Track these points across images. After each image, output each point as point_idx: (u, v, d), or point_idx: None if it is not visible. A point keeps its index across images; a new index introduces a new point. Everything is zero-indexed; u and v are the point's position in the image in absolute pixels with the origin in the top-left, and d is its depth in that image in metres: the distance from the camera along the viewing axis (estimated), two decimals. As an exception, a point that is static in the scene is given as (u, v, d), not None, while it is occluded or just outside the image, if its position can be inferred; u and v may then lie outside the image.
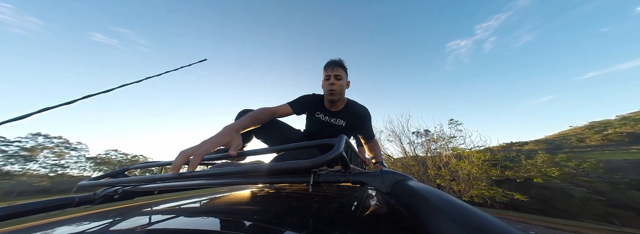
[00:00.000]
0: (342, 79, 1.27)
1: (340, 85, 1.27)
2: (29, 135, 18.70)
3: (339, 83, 1.26)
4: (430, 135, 9.36)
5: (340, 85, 1.27)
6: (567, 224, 3.78)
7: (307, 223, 0.42)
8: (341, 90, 1.29)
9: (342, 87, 1.29)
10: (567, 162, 7.50)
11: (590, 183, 7.19)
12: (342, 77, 1.27)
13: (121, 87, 0.75)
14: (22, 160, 17.46)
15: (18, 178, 17.18)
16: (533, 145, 29.53)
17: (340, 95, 1.31)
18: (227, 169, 0.58)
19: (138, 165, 0.84)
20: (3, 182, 15.16)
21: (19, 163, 17.25)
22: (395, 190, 0.40)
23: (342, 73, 1.28)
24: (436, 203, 0.27)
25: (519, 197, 6.07)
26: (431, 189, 0.32)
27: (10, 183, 16.19)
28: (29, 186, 18.85)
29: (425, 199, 0.29)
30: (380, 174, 0.46)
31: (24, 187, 18.91)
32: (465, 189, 6.92)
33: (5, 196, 15.10)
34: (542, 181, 6.76)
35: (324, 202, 0.64)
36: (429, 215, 0.25)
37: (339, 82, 1.26)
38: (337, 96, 1.30)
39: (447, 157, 8.10)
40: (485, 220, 0.22)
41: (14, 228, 0.54)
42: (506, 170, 7.22)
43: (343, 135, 0.58)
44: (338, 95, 1.30)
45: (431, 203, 0.27)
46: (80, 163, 20.14)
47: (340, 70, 1.28)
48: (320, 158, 0.45)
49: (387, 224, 0.44)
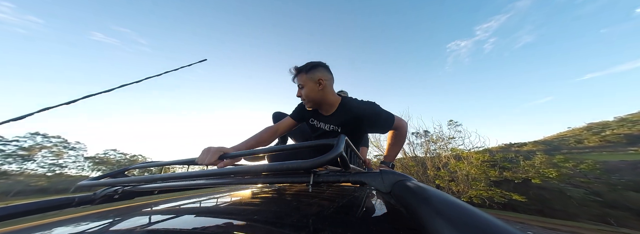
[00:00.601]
0: (305, 86, 1.18)
1: (305, 93, 1.18)
2: (28, 134, 18.56)
3: (304, 91, 1.18)
4: (429, 136, 9.37)
5: (306, 93, 1.18)
6: (564, 225, 3.79)
7: (307, 223, 0.42)
8: (312, 96, 1.19)
9: (310, 93, 1.18)
10: (564, 163, 7.53)
11: (588, 184, 7.21)
12: (304, 84, 1.18)
13: (121, 87, 0.75)
14: (20, 159, 17.31)
15: (15, 177, 17.05)
16: (532, 145, 29.44)
17: (314, 102, 1.22)
18: (227, 169, 0.58)
19: (138, 165, 0.84)
20: (0, 182, 15.05)
21: (17, 163, 17.12)
22: (395, 190, 0.40)
23: (302, 79, 1.18)
24: (436, 203, 0.27)
25: (517, 198, 6.10)
26: (431, 189, 0.32)
27: (7, 182, 16.06)
28: (26, 185, 18.70)
29: (425, 200, 0.29)
30: (380, 174, 0.47)
31: (21, 187, 18.77)
32: (464, 190, 6.94)
33: (1, 196, 14.97)
34: (540, 182, 6.79)
35: (324, 202, 0.64)
36: (429, 215, 0.25)
37: (303, 90, 1.18)
38: (311, 103, 1.23)
39: (446, 158, 8.12)
40: (485, 220, 0.22)
41: (14, 228, 0.54)
42: (504, 170, 7.25)
43: (343, 135, 0.58)
44: (311, 102, 1.22)
45: (431, 203, 0.27)
46: (78, 163, 20.05)
47: (300, 76, 1.18)
48: (320, 158, 0.45)
49: (387, 224, 0.44)
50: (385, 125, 1.24)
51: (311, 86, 1.17)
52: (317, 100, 1.21)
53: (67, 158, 19.71)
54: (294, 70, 1.21)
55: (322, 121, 1.32)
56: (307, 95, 1.18)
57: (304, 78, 1.17)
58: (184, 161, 0.77)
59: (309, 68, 1.17)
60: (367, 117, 1.21)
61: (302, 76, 1.18)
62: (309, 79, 1.17)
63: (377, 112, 1.21)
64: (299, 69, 1.19)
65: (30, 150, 18.27)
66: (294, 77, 1.21)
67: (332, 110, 1.26)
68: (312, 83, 1.17)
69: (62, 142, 19.77)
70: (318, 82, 1.16)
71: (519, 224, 1.28)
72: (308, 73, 1.17)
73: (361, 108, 1.21)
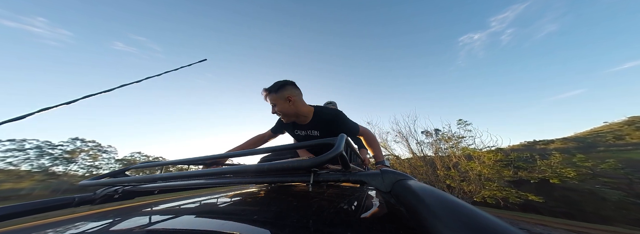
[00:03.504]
0: (277, 104, 1.25)
1: (278, 110, 1.26)
2: (69, 139, 20.29)
3: (277, 108, 1.26)
4: (440, 135, 8.97)
5: (279, 110, 1.26)
6: (597, 229, 3.39)
7: (307, 222, 0.41)
8: (286, 112, 1.26)
9: (283, 109, 1.26)
10: (583, 162, 6.85)
11: (629, 185, 6.41)
12: (275, 102, 1.25)
13: (121, 87, 0.73)
14: (65, 161, 18.94)
15: (61, 178, 18.71)
16: (560, 143, 24.50)
17: (289, 116, 1.29)
18: (227, 168, 0.57)
19: (138, 164, 0.83)
20: (51, 181, 16.67)
21: (63, 165, 18.80)
22: (395, 190, 0.39)
23: (272, 98, 1.25)
24: (436, 203, 0.26)
25: (534, 198, 5.62)
26: (431, 189, 0.32)
27: (56, 182, 17.76)
28: (71, 184, 20.51)
29: (425, 199, 0.28)
30: (380, 173, 0.44)
31: (67, 186, 20.55)
32: (476, 190, 6.53)
33: (53, 193, 16.66)
34: (559, 182, 6.24)
35: (324, 201, 0.61)
36: (429, 214, 0.25)
37: (277, 108, 1.26)
38: (287, 117, 1.30)
39: (456, 157, 7.72)
40: (485, 220, 0.21)
41: (14, 228, 0.52)
42: (519, 170, 6.75)
43: (343, 134, 0.56)
44: (286, 116, 1.29)
45: (431, 203, 0.26)
46: (110, 165, 21.61)
47: (272, 96, 1.25)
48: (320, 157, 0.44)
49: (388, 223, 0.43)
50: (352, 130, 1.38)
51: (282, 103, 1.24)
52: (291, 114, 1.28)
53: (102, 160, 21.17)
54: (264, 92, 1.28)
55: (301, 130, 1.41)
56: (281, 111, 1.26)
57: (273, 97, 1.25)
58: (184, 161, 0.75)
59: (276, 88, 1.24)
60: (335, 122, 1.33)
61: (272, 96, 1.25)
62: (278, 98, 1.24)
63: (342, 118, 1.35)
64: (268, 90, 1.26)
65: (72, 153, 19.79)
66: (266, 96, 1.28)
67: (308, 119, 1.35)
68: (283, 101, 1.24)
69: (97, 146, 21.26)
70: (287, 99, 1.24)
71: (541, 227, 1.14)
72: (277, 92, 1.24)
73: (329, 116, 1.33)
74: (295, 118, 1.33)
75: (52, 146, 19.19)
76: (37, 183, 15.92)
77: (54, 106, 0.61)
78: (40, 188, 15.18)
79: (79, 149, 20.49)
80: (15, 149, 16.96)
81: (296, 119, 1.35)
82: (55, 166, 18.70)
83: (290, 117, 1.30)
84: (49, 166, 18.33)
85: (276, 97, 1.24)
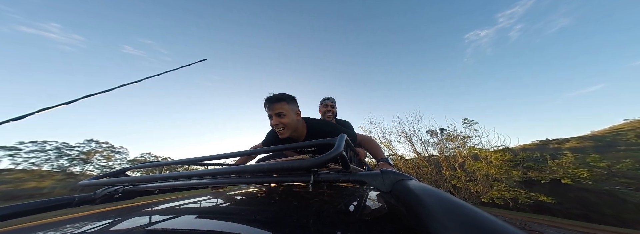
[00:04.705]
0: (286, 114, 1.09)
1: (286, 122, 1.10)
2: (85, 140, 21.03)
3: (284, 120, 1.09)
4: (445, 134, 8.76)
5: (288, 122, 1.10)
6: (615, 232, 3.18)
7: (307, 222, 0.41)
8: (293, 126, 1.13)
9: (291, 122, 1.11)
10: (597, 162, 6.51)
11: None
12: (285, 113, 1.09)
13: (121, 87, 0.72)
14: (82, 162, 19.66)
15: (79, 177, 19.45)
16: (576, 141, 22.68)
17: (292, 130, 1.14)
18: (227, 168, 0.56)
19: (138, 164, 0.82)
20: (69, 181, 17.45)
21: (80, 165, 19.54)
22: (395, 190, 0.39)
23: (284, 107, 1.09)
24: (437, 203, 0.26)
25: (545, 199, 5.38)
26: (432, 189, 0.31)
27: (74, 181, 18.51)
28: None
29: (426, 199, 0.27)
30: (381, 174, 0.43)
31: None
32: (483, 190, 6.32)
33: (72, 192, 17.33)
34: (571, 182, 5.96)
35: (324, 201, 0.60)
36: (429, 215, 0.24)
37: (283, 119, 1.09)
38: (289, 132, 1.14)
39: (463, 157, 7.51)
40: (485, 220, 0.21)
41: (14, 228, 0.52)
42: (529, 170, 6.49)
43: (343, 134, 0.55)
44: (289, 130, 1.13)
45: (432, 203, 0.26)
46: (123, 165, 22.23)
47: (281, 104, 1.09)
48: (321, 157, 0.43)
49: (388, 223, 0.43)
50: (351, 139, 1.26)
51: (292, 116, 1.13)
52: (294, 129, 1.17)
53: (115, 160, 21.81)
54: (278, 96, 1.13)
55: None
56: (289, 123, 1.11)
57: (286, 107, 1.11)
58: (184, 161, 0.74)
59: (291, 99, 1.16)
60: (333, 134, 1.25)
61: (284, 105, 1.11)
62: (291, 110, 1.13)
63: (339, 129, 1.23)
64: (283, 98, 1.12)
65: (88, 154, 20.47)
66: (274, 103, 1.10)
67: (304, 135, 1.25)
68: (293, 114, 1.14)
69: (110, 147, 21.91)
70: (296, 113, 1.17)
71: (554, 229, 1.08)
72: (290, 104, 1.13)
73: (327, 131, 1.22)
74: (295, 133, 1.22)
75: (70, 147, 19.89)
76: (57, 182, 16.58)
77: (54, 106, 0.60)
78: (59, 187, 15.80)
79: (94, 150, 21.15)
80: (37, 150, 17.68)
81: (294, 134, 1.23)
82: (73, 167, 19.39)
83: (292, 131, 1.18)
84: (67, 166, 19.02)
85: (289, 108, 1.12)
